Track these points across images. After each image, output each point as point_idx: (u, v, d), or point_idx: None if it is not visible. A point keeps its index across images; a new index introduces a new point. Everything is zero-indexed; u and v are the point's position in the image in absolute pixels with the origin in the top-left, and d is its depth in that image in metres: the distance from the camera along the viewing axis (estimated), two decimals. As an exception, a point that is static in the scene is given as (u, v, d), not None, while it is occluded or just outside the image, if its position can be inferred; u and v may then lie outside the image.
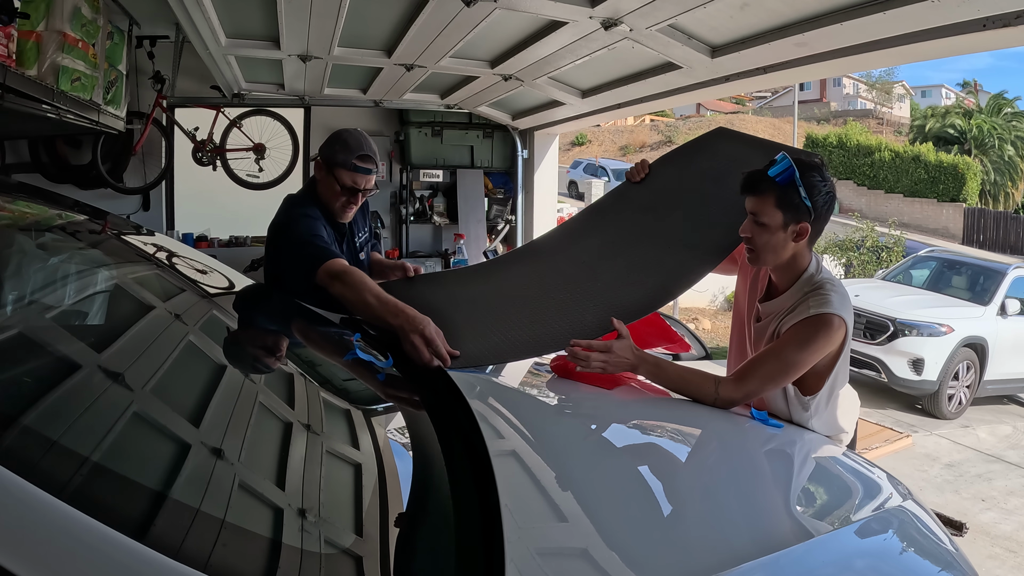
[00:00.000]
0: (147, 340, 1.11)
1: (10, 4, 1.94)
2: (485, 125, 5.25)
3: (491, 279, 1.95)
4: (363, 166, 1.92)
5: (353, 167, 1.91)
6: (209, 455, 0.86)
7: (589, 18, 2.45)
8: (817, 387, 1.53)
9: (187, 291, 1.56)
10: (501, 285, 1.89)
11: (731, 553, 0.92)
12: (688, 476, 1.23)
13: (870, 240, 12.04)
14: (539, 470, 1.08)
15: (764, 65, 2.66)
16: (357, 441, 1.12)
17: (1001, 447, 5.21)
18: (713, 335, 9.04)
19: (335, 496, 0.92)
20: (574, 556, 0.86)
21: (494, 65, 3.40)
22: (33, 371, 0.83)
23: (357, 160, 1.91)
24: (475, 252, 5.30)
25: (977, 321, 6.01)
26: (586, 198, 14.89)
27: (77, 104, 2.67)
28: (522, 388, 1.62)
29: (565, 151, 26.29)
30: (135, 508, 0.68)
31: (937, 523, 1.24)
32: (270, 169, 4.64)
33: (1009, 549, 3.50)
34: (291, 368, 1.41)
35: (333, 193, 1.94)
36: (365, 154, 1.92)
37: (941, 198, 21.54)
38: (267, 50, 3.21)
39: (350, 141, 1.93)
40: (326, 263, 1.71)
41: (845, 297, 1.51)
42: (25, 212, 1.42)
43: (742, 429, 1.46)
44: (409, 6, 2.65)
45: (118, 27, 3.20)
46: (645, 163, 2.05)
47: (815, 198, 1.46)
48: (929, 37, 2.00)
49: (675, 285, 1.71)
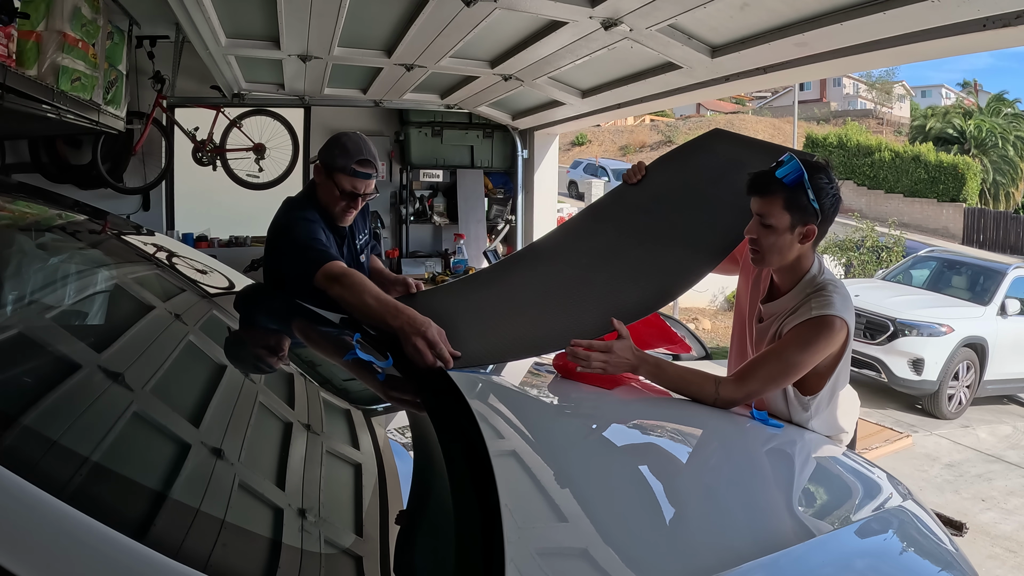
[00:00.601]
0: (147, 340, 1.11)
1: (10, 4, 1.94)
2: (485, 125, 5.25)
3: (491, 284, 1.95)
4: (362, 171, 1.91)
5: (353, 172, 1.90)
6: (209, 455, 0.86)
7: (589, 18, 2.45)
8: (818, 388, 1.53)
9: (187, 291, 1.56)
10: (501, 288, 1.89)
11: (731, 553, 0.92)
12: (688, 476, 1.23)
13: (870, 240, 12.04)
14: (539, 470, 1.08)
15: (764, 65, 2.66)
16: (357, 441, 1.12)
17: (1001, 447, 5.21)
18: (713, 335, 9.04)
19: (335, 496, 0.92)
20: (574, 556, 0.86)
21: (494, 65, 3.40)
22: (33, 371, 0.83)
23: (356, 165, 1.90)
24: (475, 252, 5.30)
25: (977, 321, 6.01)
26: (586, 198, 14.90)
27: (77, 104, 2.67)
28: (522, 388, 1.62)
29: (565, 151, 26.29)
30: (135, 508, 0.68)
31: (937, 523, 1.24)
32: (270, 169, 4.65)
33: (1009, 549, 3.50)
34: (291, 368, 1.41)
35: (333, 198, 1.94)
36: (364, 159, 1.92)
37: (941, 198, 21.55)
38: (267, 50, 3.21)
39: (349, 146, 1.92)
40: (324, 266, 1.71)
41: (847, 299, 1.51)
42: (25, 212, 1.42)
43: (742, 429, 1.46)
44: (409, 6, 2.65)
45: (118, 27, 3.20)
46: (642, 165, 2.05)
47: (822, 200, 1.46)
48: (929, 37, 2.00)
49: (674, 286, 1.71)
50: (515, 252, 2.30)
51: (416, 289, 2.00)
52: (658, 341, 1.76)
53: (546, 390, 1.59)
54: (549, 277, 1.85)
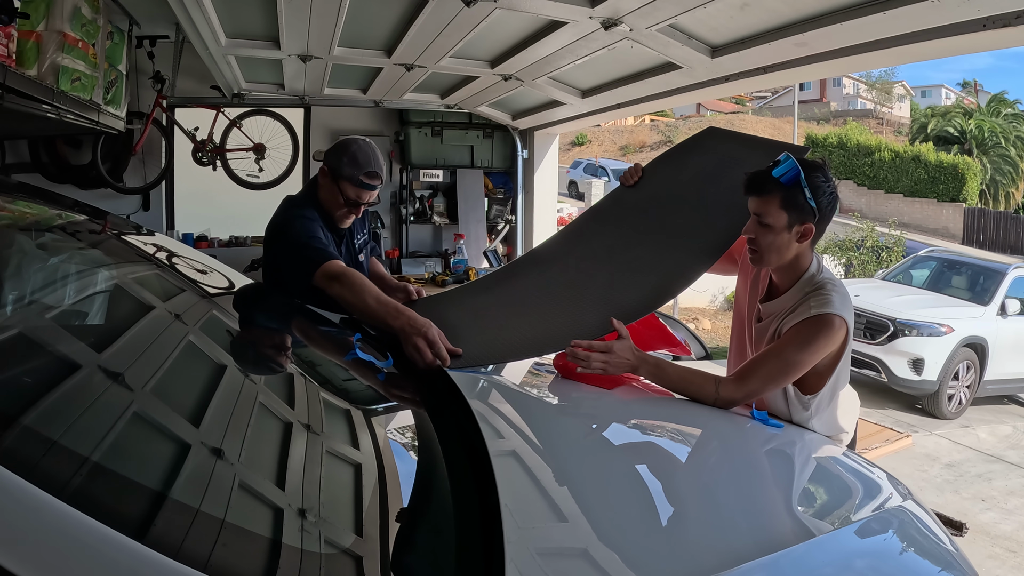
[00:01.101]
0: (147, 340, 1.11)
1: (10, 4, 1.94)
2: (485, 125, 5.25)
3: (491, 288, 1.95)
4: (369, 183, 1.93)
5: (359, 183, 1.91)
6: (209, 455, 0.86)
7: (589, 18, 2.45)
8: (818, 387, 1.53)
9: (187, 291, 1.56)
10: (501, 292, 1.90)
11: (731, 553, 0.92)
12: (688, 476, 1.23)
13: (870, 240, 12.04)
14: (539, 470, 1.08)
15: (764, 65, 2.66)
16: (357, 441, 1.11)
17: (1001, 447, 5.21)
18: (713, 335, 9.04)
19: (335, 496, 0.92)
20: (574, 556, 0.86)
21: (494, 65, 3.40)
22: (33, 371, 0.83)
23: (364, 177, 1.91)
24: (475, 252, 5.30)
25: (977, 321, 6.01)
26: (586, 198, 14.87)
27: (77, 104, 2.67)
28: (522, 388, 1.62)
29: (565, 151, 26.29)
30: (135, 508, 0.68)
31: (937, 523, 1.24)
32: (270, 169, 4.65)
33: (1009, 549, 3.50)
34: (291, 368, 1.42)
35: (336, 203, 1.95)
36: (373, 171, 1.93)
37: (941, 198, 21.54)
38: (267, 50, 3.21)
39: (359, 156, 1.92)
40: (324, 265, 1.71)
41: (846, 297, 1.51)
42: (25, 212, 1.42)
43: (742, 429, 1.46)
44: (409, 6, 2.65)
45: (118, 27, 3.20)
46: (638, 167, 2.05)
47: (819, 199, 1.46)
48: (929, 37, 2.00)
49: (672, 284, 1.71)
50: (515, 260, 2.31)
51: (417, 296, 2.01)
52: (658, 343, 1.76)
53: (546, 390, 1.59)
54: (549, 280, 1.85)
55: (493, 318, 1.74)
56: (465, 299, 1.92)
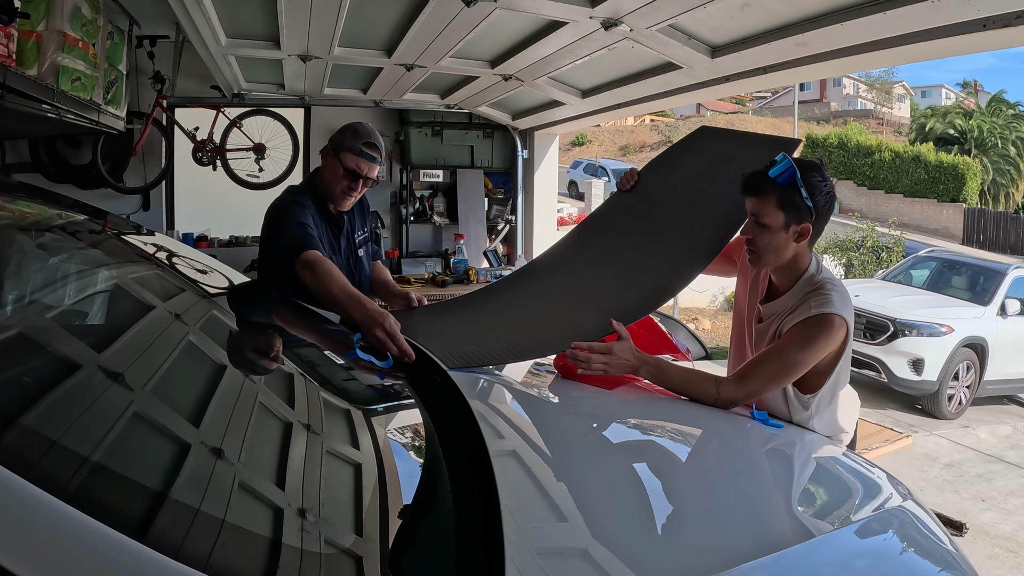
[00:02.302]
0: (147, 340, 1.11)
1: (10, 4, 1.94)
2: (485, 125, 5.25)
3: (491, 297, 1.97)
4: (368, 152, 1.98)
5: (359, 151, 1.97)
6: (209, 455, 0.86)
7: (589, 18, 2.45)
8: (818, 386, 1.53)
9: (187, 291, 1.56)
10: (501, 299, 1.91)
11: (731, 553, 0.92)
12: (688, 476, 1.23)
13: (870, 240, 12.04)
14: (539, 470, 1.08)
15: (764, 65, 2.66)
16: (357, 441, 1.11)
17: (1001, 447, 5.21)
18: (713, 335, 9.04)
19: (335, 496, 0.92)
20: (574, 556, 0.86)
21: (494, 65, 3.40)
22: (33, 371, 0.83)
23: (364, 146, 1.98)
24: (475, 252, 5.29)
25: (977, 321, 6.01)
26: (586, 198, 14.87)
27: (77, 104, 2.67)
28: (522, 388, 1.62)
29: (565, 151, 26.29)
30: (135, 508, 0.68)
31: (937, 523, 1.24)
32: (270, 169, 4.64)
33: (1009, 549, 3.50)
34: (291, 368, 1.41)
35: (336, 177, 1.99)
36: (372, 142, 2.00)
37: (941, 198, 21.54)
38: (267, 50, 3.21)
39: (359, 129, 2.02)
40: (303, 253, 1.76)
41: (846, 297, 1.51)
42: (25, 212, 1.42)
43: (742, 429, 1.46)
44: (409, 6, 2.65)
45: (118, 27, 3.20)
46: (634, 171, 2.06)
47: (816, 198, 1.46)
48: (929, 37, 2.00)
49: (671, 285, 1.71)
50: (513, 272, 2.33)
51: (417, 304, 2.02)
52: (661, 348, 1.76)
53: (546, 390, 1.59)
54: (549, 284, 1.87)
55: (493, 322, 1.75)
56: (465, 307, 1.93)
